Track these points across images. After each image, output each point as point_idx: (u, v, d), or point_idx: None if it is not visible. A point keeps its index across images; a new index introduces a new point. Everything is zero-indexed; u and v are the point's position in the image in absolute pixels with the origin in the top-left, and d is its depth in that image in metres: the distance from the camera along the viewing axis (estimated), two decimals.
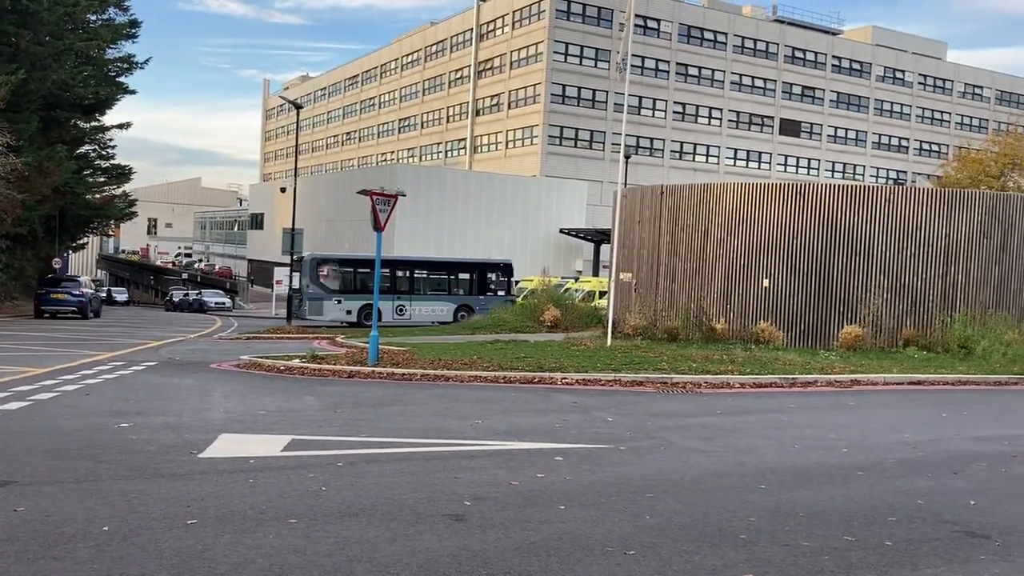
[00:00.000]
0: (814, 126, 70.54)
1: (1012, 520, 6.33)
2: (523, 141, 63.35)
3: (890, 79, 73.15)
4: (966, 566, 5.21)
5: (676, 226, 22.25)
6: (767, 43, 67.93)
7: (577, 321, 25.74)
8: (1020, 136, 53.79)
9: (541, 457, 8.06)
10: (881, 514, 6.34)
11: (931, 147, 74.52)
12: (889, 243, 20.15)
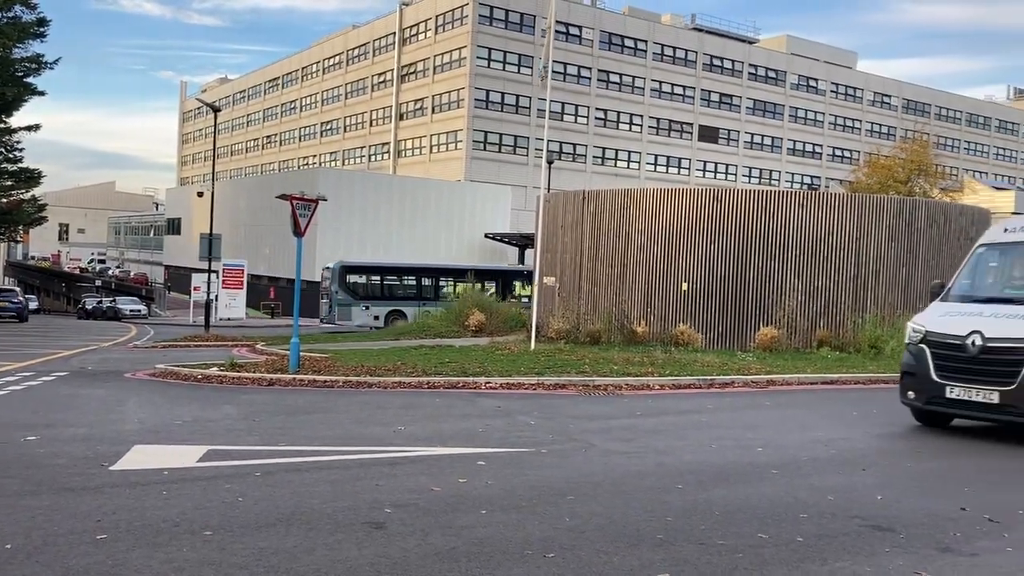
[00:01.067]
0: (731, 132, 72.23)
1: (915, 513, 6.59)
2: (448, 146, 63.29)
3: (804, 87, 75.41)
4: (872, 559, 5.40)
5: (598, 231, 22.52)
6: (686, 51, 69.32)
7: (502, 325, 25.81)
8: (925, 143, 56.06)
9: (464, 462, 8.06)
10: (794, 511, 6.52)
11: (843, 153, 77.02)
12: (803, 246, 20.75)
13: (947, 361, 9.82)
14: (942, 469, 8.32)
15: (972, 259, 11.39)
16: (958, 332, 9.79)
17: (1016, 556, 5.57)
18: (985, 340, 9.46)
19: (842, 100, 77.71)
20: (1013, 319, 9.60)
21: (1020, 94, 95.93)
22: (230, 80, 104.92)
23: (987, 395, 9.41)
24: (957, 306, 10.55)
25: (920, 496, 7.19)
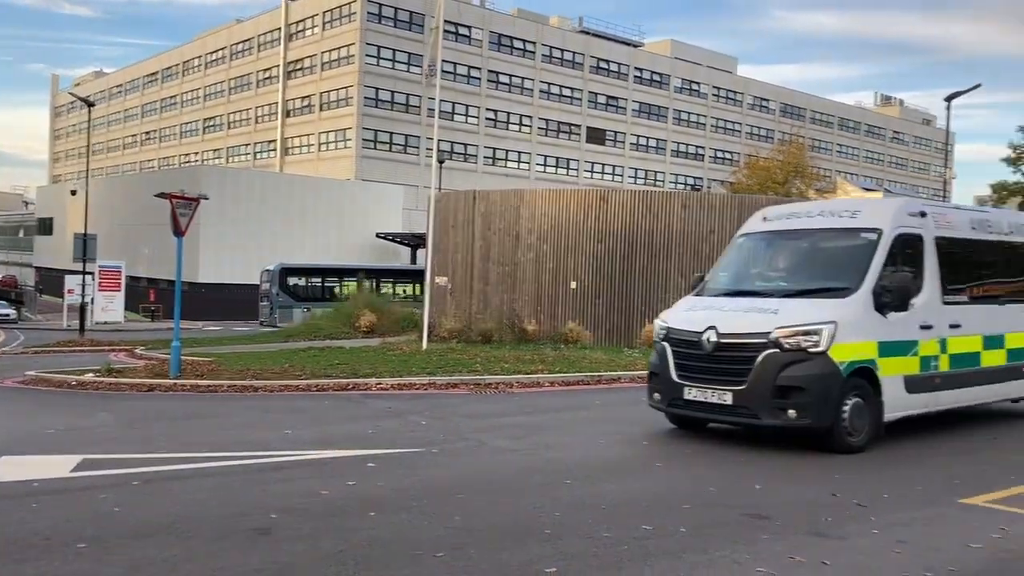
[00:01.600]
0: (618, 134, 73.68)
1: (791, 501, 6.89)
2: (336, 144, 62.32)
3: (687, 90, 77.57)
4: (750, 546, 5.61)
5: (489, 230, 22.62)
6: (573, 53, 70.32)
7: (394, 325, 25.61)
8: (801, 146, 58.47)
9: (354, 465, 7.96)
10: (677, 502, 6.71)
11: (724, 155, 79.60)
12: (686, 245, 21.36)
13: (686, 360, 9.19)
14: (818, 458, 8.69)
15: (731, 249, 10.96)
16: (695, 328, 9.18)
17: (881, 537, 5.89)
18: (720, 336, 8.87)
19: (723, 103, 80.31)
20: (750, 313, 9.10)
21: (886, 100, 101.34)
22: (106, 74, 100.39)
23: (721, 396, 8.84)
24: (703, 300, 10.00)
25: (796, 485, 7.51)
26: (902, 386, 9.21)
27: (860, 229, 9.61)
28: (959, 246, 10.38)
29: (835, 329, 8.55)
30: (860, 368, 8.77)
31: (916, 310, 9.40)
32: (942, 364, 9.72)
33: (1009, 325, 10.82)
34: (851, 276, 9.15)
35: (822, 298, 9.07)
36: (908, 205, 10.11)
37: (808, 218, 10.32)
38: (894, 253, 9.38)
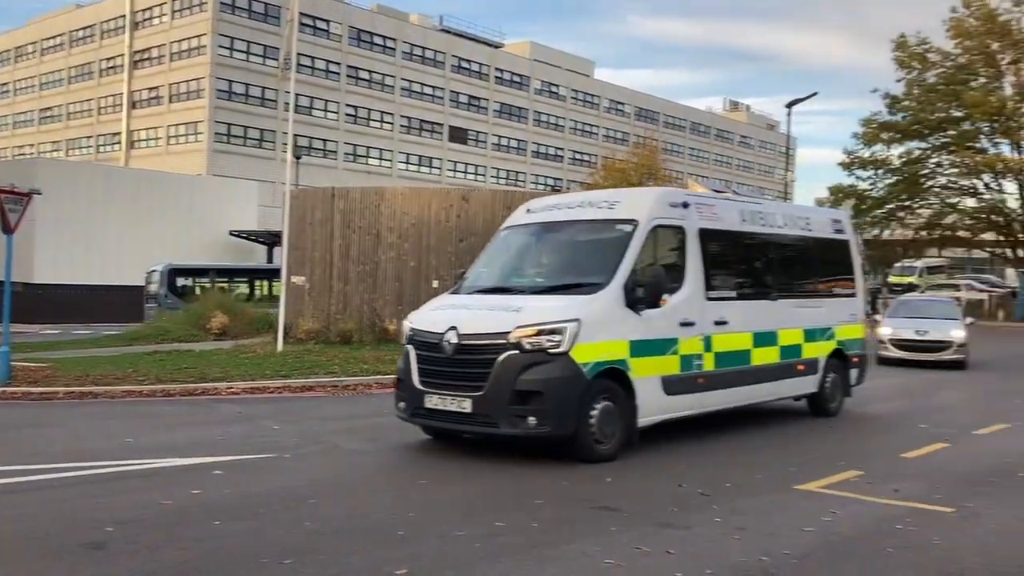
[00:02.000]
0: (480, 134, 74.05)
1: (639, 493, 7.09)
2: (187, 137, 59.81)
3: (546, 92, 78.76)
4: (600, 538, 5.74)
5: (348, 228, 22.22)
6: (435, 51, 70.14)
7: (248, 327, 24.75)
8: (654, 149, 60.46)
9: (199, 472, 7.64)
10: (531, 498, 6.78)
11: (582, 156, 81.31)
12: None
13: (427, 364, 8.40)
14: (669, 450, 8.97)
15: (493, 243, 10.35)
16: (436, 329, 8.38)
17: (722, 525, 6.14)
18: (460, 338, 8.11)
19: (581, 106, 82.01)
20: (494, 312, 8.41)
21: (734, 106, 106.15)
22: None
23: (460, 403, 8.03)
24: (455, 298, 9.34)
25: (646, 477, 7.73)
26: (660, 388, 8.65)
27: (617, 221, 9.06)
28: (727, 239, 10.01)
29: (579, 328, 7.90)
30: (609, 369, 8.14)
31: (676, 306, 8.84)
32: (707, 363, 9.21)
33: (782, 321, 10.47)
34: (603, 271, 8.53)
35: (570, 295, 8.47)
36: (668, 195, 9.57)
37: (568, 209, 9.78)
38: (652, 246, 8.91)
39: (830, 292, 11.79)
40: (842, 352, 11.57)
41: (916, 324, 19.24)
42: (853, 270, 12.28)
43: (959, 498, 7.09)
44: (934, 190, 47.46)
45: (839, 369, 11.53)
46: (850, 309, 11.98)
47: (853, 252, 12.34)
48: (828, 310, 11.45)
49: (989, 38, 43.83)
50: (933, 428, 10.74)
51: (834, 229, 12.13)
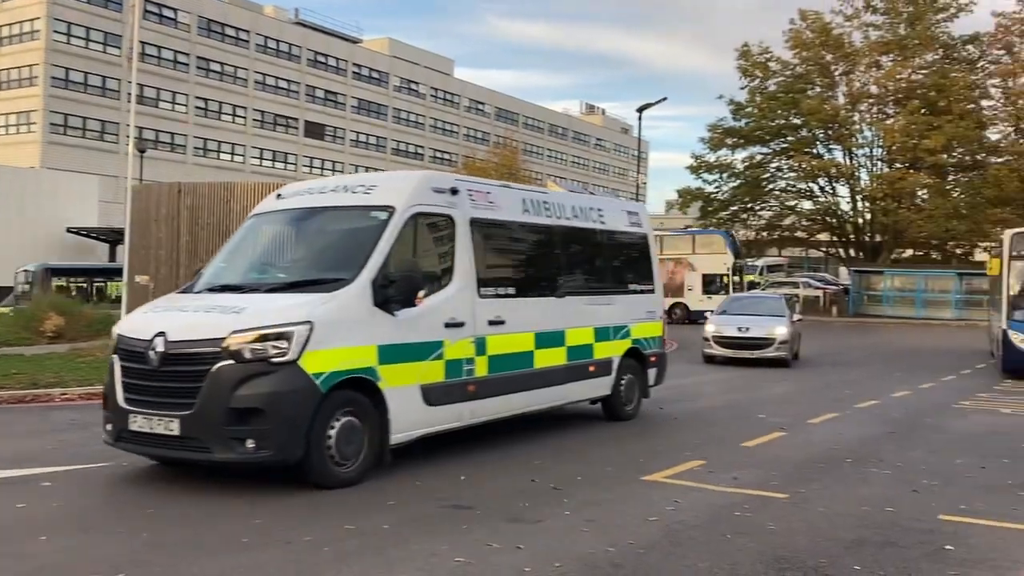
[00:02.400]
0: (337, 130, 72.82)
1: (492, 490, 7.11)
2: (19, 128, 55.99)
3: (406, 90, 78.32)
4: (449, 536, 5.72)
5: (197, 225, 21.33)
6: (290, 45, 68.45)
7: (86, 329, 23.35)
8: (515, 150, 61.16)
9: (24, 485, 7.13)
10: (382, 499, 6.69)
11: (443, 155, 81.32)
12: None
13: (133, 378, 7.11)
14: (523, 445, 9.05)
15: (237, 233, 9.07)
16: (143, 336, 7.08)
17: (572, 518, 6.24)
18: (168, 345, 6.85)
19: (441, 104, 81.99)
20: (211, 313, 7.17)
21: (591, 109, 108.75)
22: None
23: (168, 424, 6.76)
24: (178, 298, 8.11)
25: (499, 473, 7.77)
26: (419, 398, 7.63)
27: (371, 207, 7.98)
28: (506, 230, 9.19)
29: (310, 331, 6.75)
30: (352, 379, 7.05)
31: (440, 305, 7.89)
32: (479, 368, 8.28)
33: (571, 320, 9.74)
34: (350, 265, 7.45)
35: (307, 292, 7.30)
36: (432, 180, 8.45)
37: (321, 195, 8.60)
38: (411, 236, 7.90)
39: (625, 288, 11.04)
40: (639, 351, 10.97)
41: (740, 321, 19.19)
42: (651, 265, 11.64)
43: (793, 484, 7.49)
44: (774, 193, 50.18)
45: (635, 370, 10.93)
46: (647, 306, 11.32)
47: (651, 246, 11.75)
48: (623, 307, 10.74)
49: (824, 50, 46.68)
50: (771, 418, 11.32)
51: (630, 222, 11.42)
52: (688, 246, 37.34)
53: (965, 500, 7.05)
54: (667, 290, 35.64)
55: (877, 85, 46.53)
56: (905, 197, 44.89)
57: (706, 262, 35.63)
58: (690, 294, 35.56)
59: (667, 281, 36.79)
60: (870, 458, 8.77)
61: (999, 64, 46.28)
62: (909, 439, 10.03)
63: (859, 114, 47.21)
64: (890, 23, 46.53)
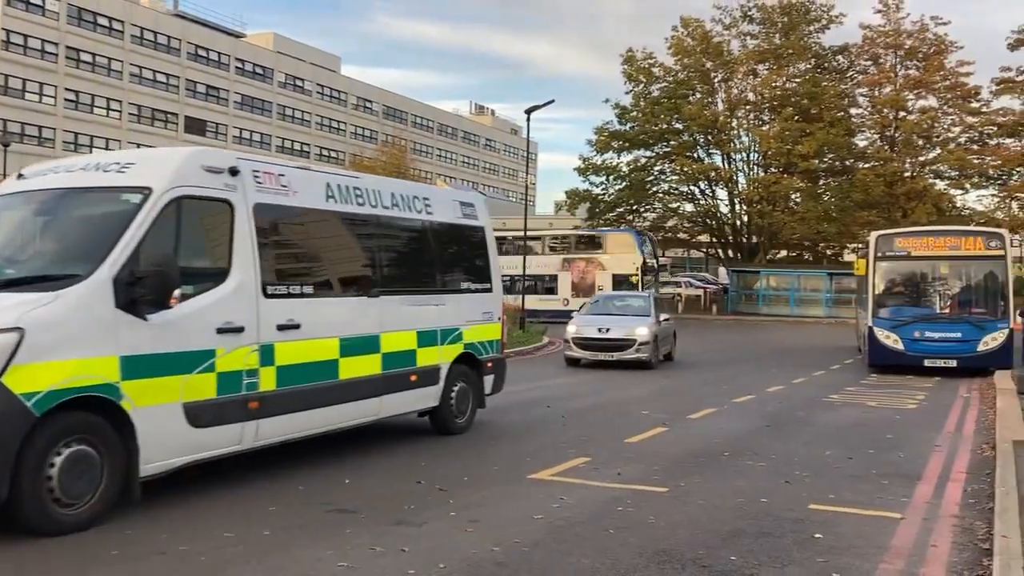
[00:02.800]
0: (220, 126, 70.59)
1: (377, 493, 7.03)
2: None
3: (291, 86, 76.63)
4: (333, 540, 5.63)
5: None
6: (169, 37, 65.97)
7: None
8: (403, 148, 60.76)
9: None
10: (264, 504, 6.53)
11: (330, 154, 79.97)
12: None
13: None
14: (408, 446, 8.99)
15: None
16: None
17: (457, 518, 6.23)
18: None
19: (328, 102, 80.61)
20: None
21: (480, 109, 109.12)
22: None
23: None
24: None
25: (384, 476, 7.69)
26: (182, 419, 6.40)
27: (122, 189, 6.70)
28: (304, 219, 7.97)
29: (18, 340, 5.48)
30: (84, 399, 5.78)
31: (212, 306, 6.73)
32: (264, 381, 7.08)
33: (387, 323, 8.58)
34: (88, 257, 6.19)
35: (25, 291, 6.00)
36: (205, 157, 7.14)
37: (68, 174, 7.23)
38: (174, 224, 6.62)
39: (457, 287, 9.98)
40: (473, 357, 9.94)
41: (602, 322, 18.39)
42: (489, 261, 10.62)
43: (673, 478, 7.70)
44: (658, 195, 51.56)
45: (469, 378, 9.89)
46: (483, 306, 10.26)
47: (489, 240, 10.66)
48: (453, 308, 9.68)
49: (704, 57, 48.24)
50: (653, 414, 11.60)
51: (464, 214, 10.25)
52: (600, 245, 37.72)
53: (833, 490, 7.40)
54: (579, 290, 35.99)
55: (754, 92, 48.40)
56: (779, 200, 46.88)
57: (616, 262, 35.76)
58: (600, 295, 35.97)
59: (579, 281, 36.93)
60: (746, 451, 9.10)
61: (866, 74, 48.89)
62: (783, 432, 10.46)
63: (737, 120, 48.97)
64: (766, 33, 48.49)
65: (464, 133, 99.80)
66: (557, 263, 37.89)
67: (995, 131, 45.56)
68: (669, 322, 20.22)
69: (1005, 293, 17.97)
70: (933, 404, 13.48)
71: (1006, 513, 6.20)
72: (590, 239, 39.60)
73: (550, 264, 37.84)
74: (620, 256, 35.97)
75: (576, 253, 38.40)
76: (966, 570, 5.39)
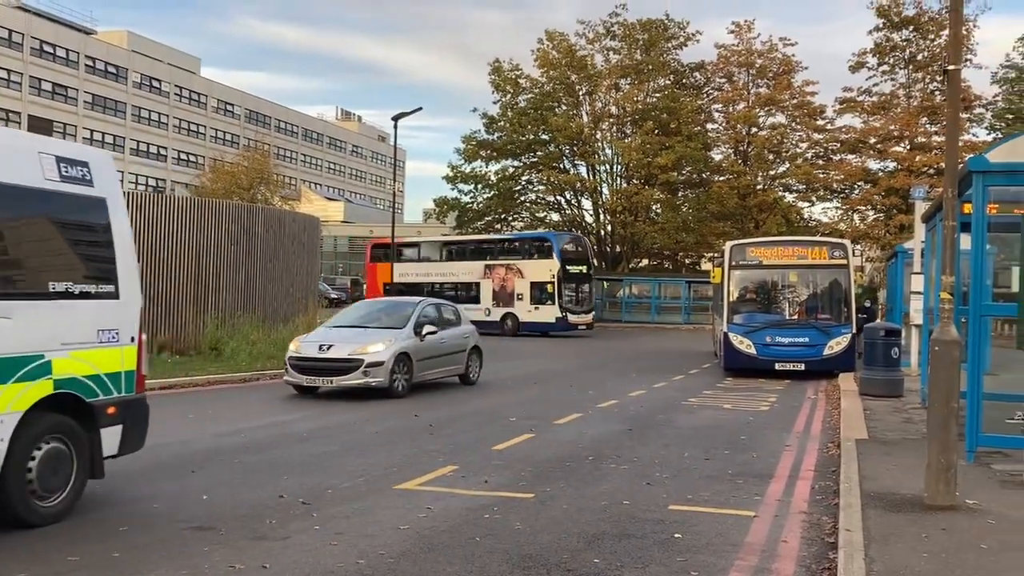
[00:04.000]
0: (68, 127, 66.80)
1: (238, 507, 6.78)
2: None
3: (147, 87, 73.42)
4: (190, 560, 5.40)
5: None
6: (11, 31, 62.00)
7: None
8: (266, 153, 59.18)
9: None
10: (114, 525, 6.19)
11: (189, 157, 77.09)
12: (142, 250, 20.05)
13: None
14: (269, 460, 8.73)
15: None
16: None
17: (321, 532, 6.09)
18: None
19: (186, 104, 77.67)
20: None
21: (347, 115, 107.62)
22: None
23: None
24: None
25: (245, 491, 7.43)
26: None
27: None
28: None
29: None
30: None
31: None
32: None
33: None
34: None
35: None
36: None
37: None
38: None
39: (39, 289, 6.33)
40: (77, 401, 6.49)
41: (331, 336, 14.73)
42: (115, 251, 7.00)
43: (540, 483, 7.79)
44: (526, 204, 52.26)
45: (68, 433, 6.42)
46: (99, 321, 6.75)
47: (116, 219, 7.08)
48: (30, 323, 6.14)
49: (569, 70, 49.27)
50: (521, 420, 11.71)
51: (63, 175, 6.61)
52: (518, 250, 35.86)
53: (692, 490, 7.66)
54: (499, 300, 34.42)
55: (617, 106, 49.78)
56: (641, 211, 48.40)
57: (534, 268, 33.81)
58: (519, 303, 34.05)
59: (499, 289, 34.63)
60: (610, 455, 9.30)
61: (721, 91, 51.17)
62: (644, 435, 10.76)
63: (601, 132, 50.22)
64: (627, 49, 49.98)
65: (330, 139, 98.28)
66: (480, 270, 35.55)
67: (838, 147, 48.59)
68: (461, 337, 16.32)
69: (848, 300, 19.15)
70: (784, 406, 14.18)
71: (849, 508, 6.58)
72: (508, 243, 37.74)
73: (473, 271, 35.76)
74: (537, 262, 33.94)
75: (497, 259, 35.87)
76: (814, 563, 5.68)
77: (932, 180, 36.48)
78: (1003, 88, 44.16)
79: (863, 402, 13.63)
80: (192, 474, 8.02)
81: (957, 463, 6.84)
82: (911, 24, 45.33)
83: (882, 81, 46.89)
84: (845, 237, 34.86)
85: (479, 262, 36.02)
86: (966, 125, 44.75)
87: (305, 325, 22.63)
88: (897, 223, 42.17)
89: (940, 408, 6.82)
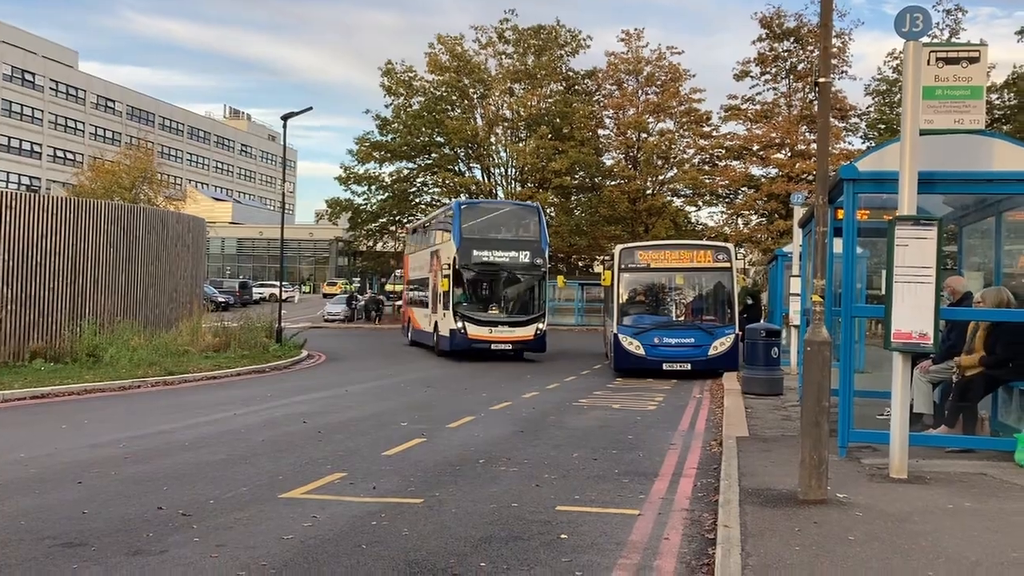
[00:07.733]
0: None
1: (114, 521, 6.51)
2: None
3: (19, 80, 69.73)
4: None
5: None
6: None
7: None
8: (150, 152, 57.06)
9: None
10: None
11: (66, 155, 73.60)
12: (13, 251, 19.03)
13: None
14: (149, 471, 8.40)
15: None
16: None
17: (201, 544, 5.90)
18: None
19: (63, 99, 74.12)
20: None
21: (235, 114, 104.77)
22: None
23: None
24: None
25: (124, 503, 7.13)
26: None
27: None
28: None
29: None
30: None
31: None
32: None
33: None
34: None
35: None
36: None
37: None
38: None
39: None
40: None
41: None
42: None
43: (429, 488, 7.75)
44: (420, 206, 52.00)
45: None
46: None
47: None
48: None
49: (460, 75, 49.31)
50: (412, 425, 11.64)
51: None
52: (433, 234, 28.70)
53: (579, 491, 7.77)
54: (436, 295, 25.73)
55: (510, 110, 50.07)
56: None
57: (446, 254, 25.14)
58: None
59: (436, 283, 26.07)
60: (501, 457, 9.35)
61: (612, 97, 52.10)
62: (535, 437, 10.86)
63: (496, 136, 50.43)
64: (520, 54, 50.36)
65: (218, 137, 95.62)
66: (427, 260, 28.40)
67: (723, 153, 50.18)
68: None
69: (731, 302, 19.81)
70: (670, 405, 14.56)
71: (728, 504, 6.80)
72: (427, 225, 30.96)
73: (424, 265, 28.97)
74: (445, 246, 25.44)
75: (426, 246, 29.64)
76: (694, 559, 5.84)
77: (811, 186, 38.15)
78: (875, 100, 46.57)
79: (745, 400, 14.12)
80: (63, 487, 7.65)
81: (829, 458, 7.15)
82: (792, 35, 47.28)
83: (765, 90, 48.81)
84: (729, 241, 36.05)
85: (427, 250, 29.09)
86: (842, 134, 47.01)
87: (189, 330, 21.94)
88: (778, 227, 43.86)
89: (812, 406, 7.11)
